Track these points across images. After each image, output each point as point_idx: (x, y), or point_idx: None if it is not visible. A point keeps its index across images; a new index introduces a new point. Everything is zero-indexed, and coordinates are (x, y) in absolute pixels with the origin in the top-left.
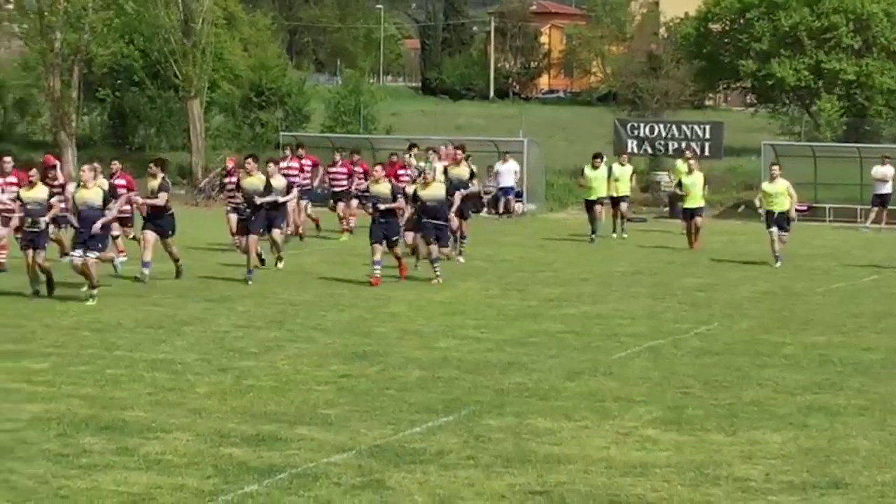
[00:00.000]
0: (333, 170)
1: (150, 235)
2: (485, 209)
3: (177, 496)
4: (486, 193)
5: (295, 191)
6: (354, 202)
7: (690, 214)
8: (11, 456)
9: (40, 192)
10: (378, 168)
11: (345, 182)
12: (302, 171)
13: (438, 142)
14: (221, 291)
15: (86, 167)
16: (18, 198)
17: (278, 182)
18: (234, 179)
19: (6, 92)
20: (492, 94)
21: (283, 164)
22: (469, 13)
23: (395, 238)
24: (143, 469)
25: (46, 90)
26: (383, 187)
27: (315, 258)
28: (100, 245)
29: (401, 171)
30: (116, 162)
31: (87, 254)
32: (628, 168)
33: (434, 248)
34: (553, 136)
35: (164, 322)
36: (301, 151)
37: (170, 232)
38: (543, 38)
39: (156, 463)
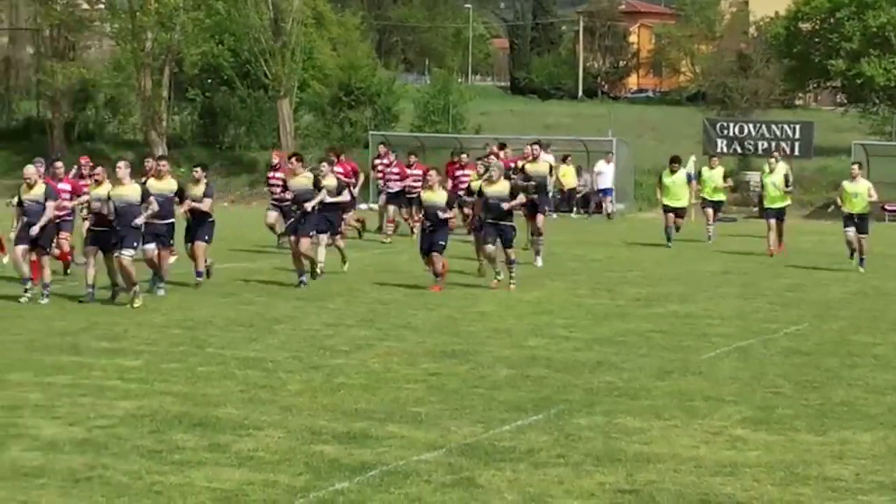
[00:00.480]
0: (389, 169)
1: (199, 245)
2: (574, 209)
3: (268, 492)
4: (577, 193)
5: (346, 193)
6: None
7: (773, 216)
8: (106, 452)
9: (105, 190)
10: (432, 174)
11: (400, 183)
12: (346, 175)
13: (527, 142)
14: (312, 290)
15: (121, 164)
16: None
17: (330, 182)
18: (278, 175)
19: (97, 91)
20: (580, 93)
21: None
22: (558, 12)
23: (441, 243)
24: (236, 465)
25: (137, 90)
26: (438, 196)
27: (406, 257)
28: (134, 243)
29: (459, 172)
30: (165, 162)
31: (122, 252)
32: (719, 170)
33: (511, 252)
34: (642, 135)
35: (256, 320)
36: (342, 157)
37: (206, 238)
38: (632, 38)
39: (248, 459)
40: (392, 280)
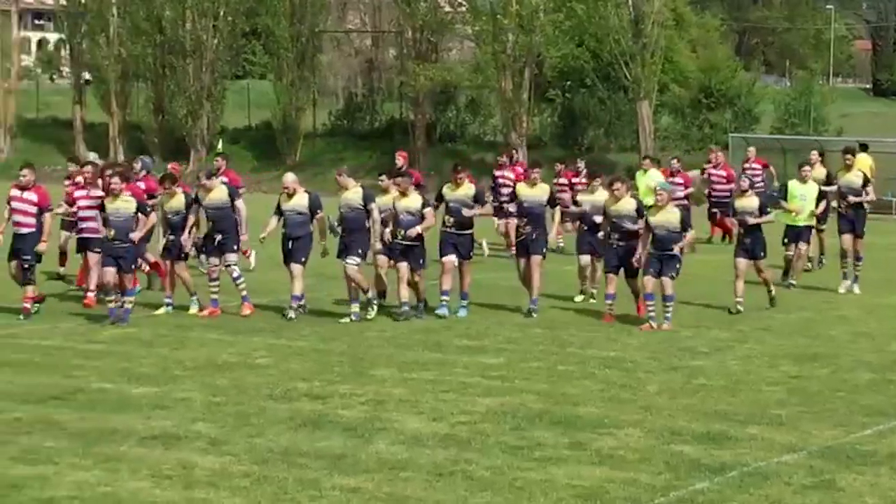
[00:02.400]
0: (578, 179)
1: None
2: None
3: (628, 490)
4: None
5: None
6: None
7: None
8: (469, 447)
9: (302, 198)
10: (618, 184)
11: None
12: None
13: (892, 144)
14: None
15: (343, 169)
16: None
17: (599, 196)
18: (508, 174)
19: (459, 93)
20: None
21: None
22: None
23: (637, 267)
24: (596, 463)
25: (498, 91)
26: (625, 204)
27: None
28: (360, 251)
29: (575, 180)
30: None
31: (347, 259)
32: None
33: (667, 281)
34: None
35: (617, 320)
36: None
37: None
38: None
39: (608, 458)
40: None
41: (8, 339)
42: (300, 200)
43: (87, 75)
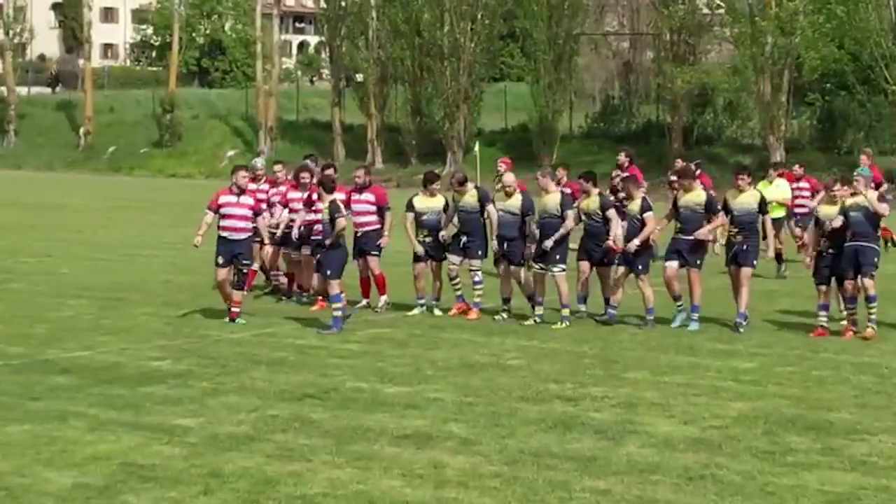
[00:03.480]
0: (797, 184)
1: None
2: None
3: (881, 498)
4: None
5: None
6: None
7: None
8: (720, 452)
9: (516, 199)
10: (838, 184)
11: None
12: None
13: None
14: None
15: (546, 171)
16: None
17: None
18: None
19: (717, 95)
20: None
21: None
22: None
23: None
24: (848, 469)
25: (756, 94)
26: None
27: None
28: (557, 257)
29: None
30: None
31: (552, 268)
32: None
33: (867, 282)
34: None
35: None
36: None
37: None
38: None
39: (861, 464)
40: None
41: (265, 337)
42: (514, 201)
43: (359, 76)
